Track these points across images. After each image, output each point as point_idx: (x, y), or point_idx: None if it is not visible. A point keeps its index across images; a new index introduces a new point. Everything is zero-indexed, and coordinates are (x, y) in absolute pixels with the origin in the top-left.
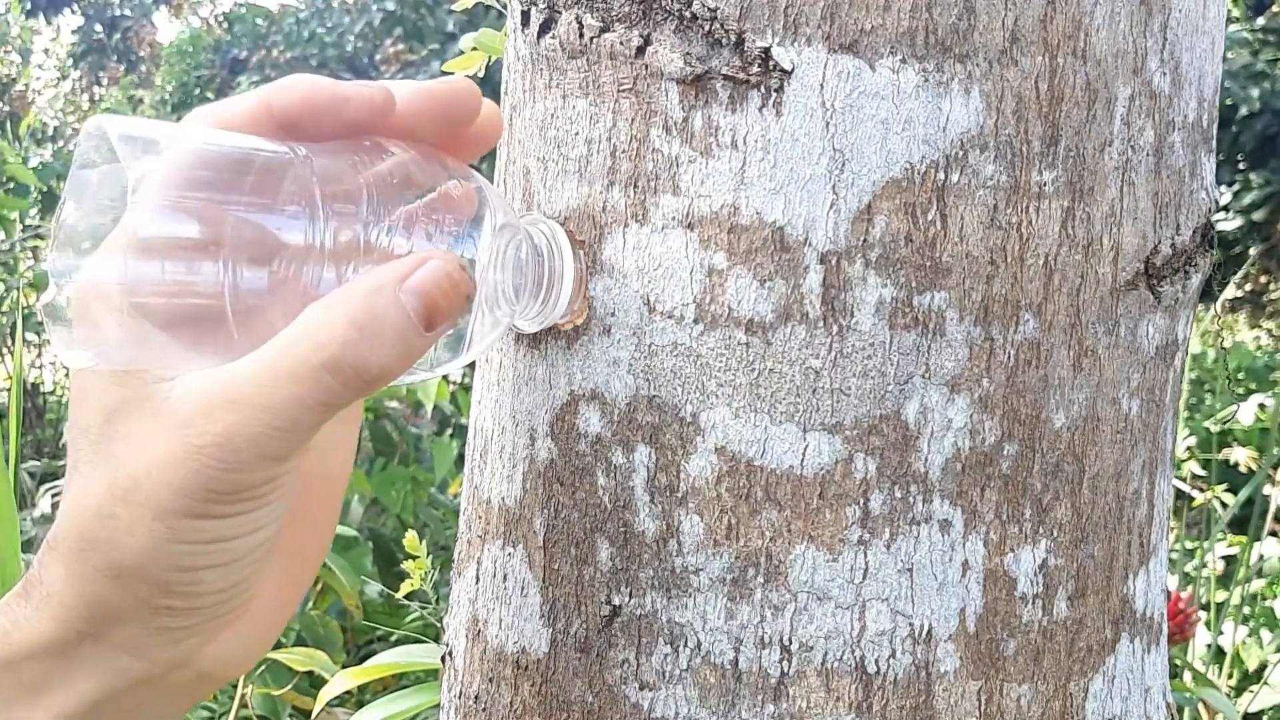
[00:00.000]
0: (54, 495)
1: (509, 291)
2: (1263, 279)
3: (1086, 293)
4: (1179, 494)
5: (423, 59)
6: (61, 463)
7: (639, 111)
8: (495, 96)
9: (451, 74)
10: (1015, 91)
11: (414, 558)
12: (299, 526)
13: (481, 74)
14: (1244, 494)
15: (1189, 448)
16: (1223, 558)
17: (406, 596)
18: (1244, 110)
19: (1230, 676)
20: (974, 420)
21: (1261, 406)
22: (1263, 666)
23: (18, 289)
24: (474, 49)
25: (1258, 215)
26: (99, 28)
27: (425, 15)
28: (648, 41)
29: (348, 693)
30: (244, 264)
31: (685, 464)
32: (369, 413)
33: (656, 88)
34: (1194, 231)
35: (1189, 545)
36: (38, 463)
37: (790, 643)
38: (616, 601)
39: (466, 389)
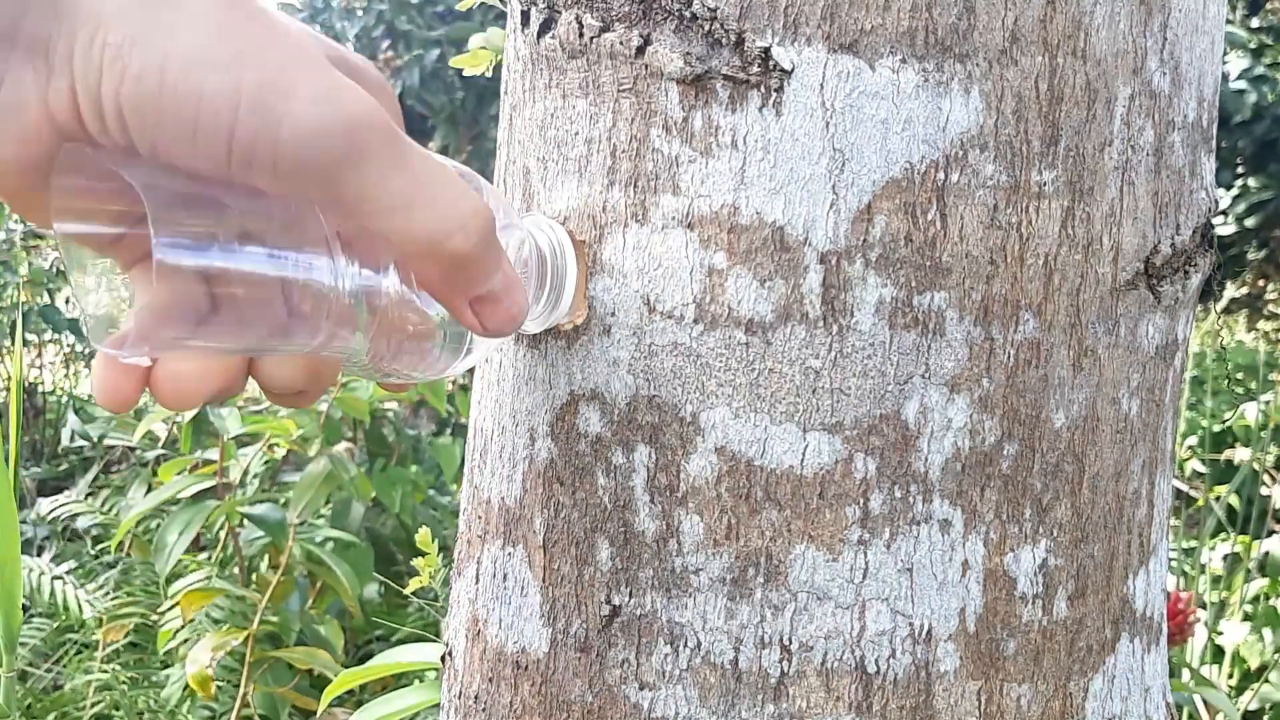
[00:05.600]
0: (53, 506)
1: None
2: (1260, 282)
3: (1086, 292)
4: (1178, 494)
5: (414, 59)
6: (62, 465)
7: (639, 111)
8: (494, 96)
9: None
10: (1015, 91)
11: (423, 554)
12: None
13: (489, 73)
14: (1230, 489)
15: (1189, 447)
16: (1223, 556)
17: (406, 595)
18: (1243, 118)
19: (1230, 676)
20: (974, 420)
21: (1266, 402)
22: (1264, 665)
23: (16, 287)
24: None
25: (1254, 221)
26: None
27: (414, 16)
28: (648, 41)
29: (348, 692)
30: (245, 263)
31: (685, 464)
32: (368, 415)
33: (656, 88)
34: (1194, 231)
35: (1188, 545)
36: (38, 469)
37: (790, 643)
38: (616, 601)
39: (466, 389)
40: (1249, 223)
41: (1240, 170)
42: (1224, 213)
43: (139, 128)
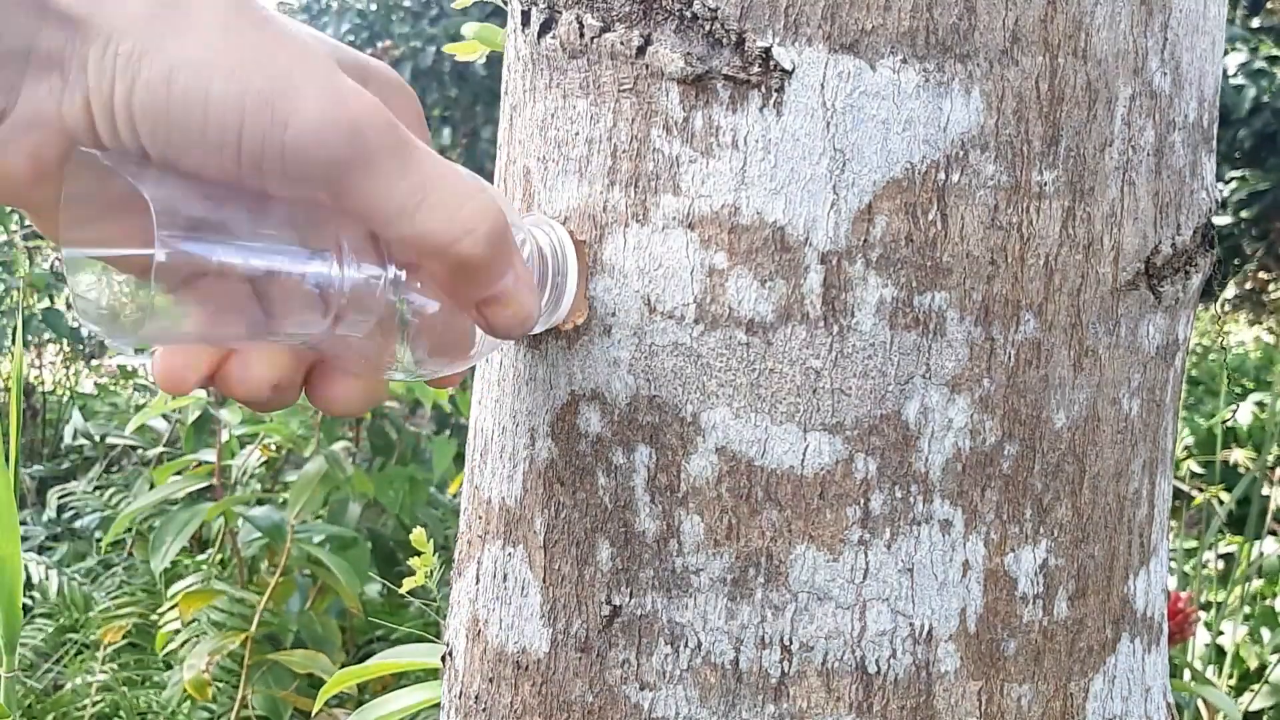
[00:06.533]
0: (60, 498)
1: None
2: (1261, 275)
3: (1087, 293)
4: (1178, 493)
5: (410, 51)
6: (64, 465)
7: (639, 111)
8: (495, 94)
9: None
10: (1016, 91)
11: (419, 553)
12: None
13: (485, 62)
14: (1237, 492)
15: (1187, 447)
16: (1220, 556)
17: (406, 594)
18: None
19: (1230, 676)
20: (974, 420)
21: (1260, 404)
22: (1263, 666)
23: (17, 289)
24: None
25: (1252, 214)
26: None
27: (405, 18)
28: (648, 41)
29: (347, 692)
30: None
31: (686, 464)
32: (368, 413)
33: (657, 88)
34: (1194, 231)
35: (1188, 545)
36: (40, 467)
37: (791, 643)
38: (617, 601)
39: (465, 389)
40: (1245, 214)
41: (1238, 164)
42: (1223, 204)
43: (150, 133)
